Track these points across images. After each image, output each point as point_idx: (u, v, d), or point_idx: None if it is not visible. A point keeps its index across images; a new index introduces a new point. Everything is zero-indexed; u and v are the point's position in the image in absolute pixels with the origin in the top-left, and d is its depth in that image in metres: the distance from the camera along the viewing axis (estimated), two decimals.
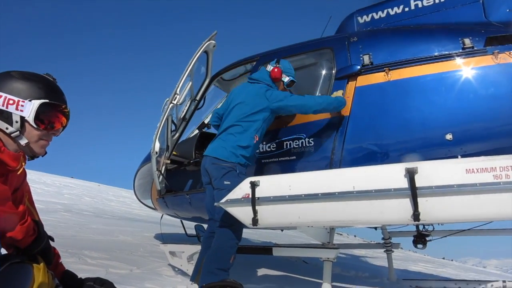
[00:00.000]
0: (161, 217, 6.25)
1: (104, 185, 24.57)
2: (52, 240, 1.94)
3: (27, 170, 2.03)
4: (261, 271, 5.71)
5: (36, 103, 1.90)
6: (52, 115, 1.95)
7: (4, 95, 1.85)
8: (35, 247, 1.75)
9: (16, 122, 1.88)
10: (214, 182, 3.96)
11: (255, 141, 4.05)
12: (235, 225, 3.79)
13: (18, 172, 1.84)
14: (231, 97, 4.29)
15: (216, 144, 4.06)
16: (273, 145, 4.42)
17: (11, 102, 1.86)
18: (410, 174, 2.88)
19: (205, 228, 5.50)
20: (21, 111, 1.87)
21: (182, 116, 5.50)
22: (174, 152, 5.28)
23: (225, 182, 3.87)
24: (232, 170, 3.91)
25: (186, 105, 5.53)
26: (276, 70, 4.29)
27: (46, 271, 1.73)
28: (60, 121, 1.98)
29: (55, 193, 14.38)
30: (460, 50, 3.85)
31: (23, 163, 1.85)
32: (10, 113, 1.86)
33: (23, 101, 1.87)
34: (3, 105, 1.84)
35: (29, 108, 1.88)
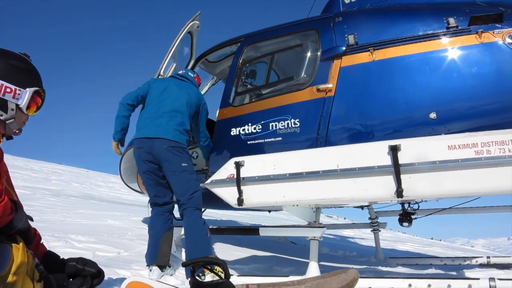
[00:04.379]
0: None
1: (93, 171, 24.43)
2: (31, 220, 1.93)
3: (13, 157, 2.07)
4: (250, 252, 5.75)
5: (31, 91, 1.95)
6: (36, 99, 2.00)
7: (0, 82, 1.88)
8: (13, 226, 1.73)
9: (12, 110, 1.94)
10: (168, 166, 3.94)
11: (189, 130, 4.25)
12: (201, 205, 3.99)
13: None
14: (163, 85, 4.31)
15: (165, 127, 4.01)
16: (259, 126, 4.41)
17: (8, 90, 1.91)
18: (393, 151, 2.91)
19: None
20: (17, 99, 1.94)
21: None
22: None
23: (183, 164, 3.92)
24: (185, 152, 4.02)
25: None
26: (197, 78, 4.71)
27: (25, 250, 1.72)
28: (37, 102, 2.02)
29: (43, 179, 14.26)
30: (445, 30, 3.85)
31: (1, 140, 1.85)
32: (6, 101, 1.92)
33: (20, 90, 1.96)
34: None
35: (25, 96, 1.94)
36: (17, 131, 2.00)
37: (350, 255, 6.68)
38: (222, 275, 1.92)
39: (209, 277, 3.43)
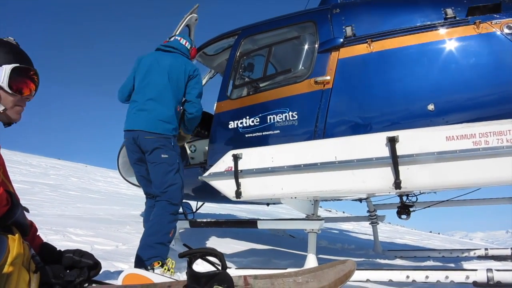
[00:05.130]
0: None
1: (91, 166, 24.42)
2: (27, 211, 1.91)
3: (11, 152, 2.02)
4: (248, 245, 5.76)
5: (8, 68, 1.87)
6: (23, 80, 1.92)
7: None
8: (9, 217, 1.72)
9: None
10: (148, 156, 3.86)
11: (178, 111, 4.09)
12: (176, 200, 3.82)
13: None
14: (146, 66, 4.13)
15: (146, 117, 3.90)
16: (257, 119, 4.40)
17: None
18: (391, 143, 2.91)
19: (191, 206, 5.52)
20: None
21: None
22: None
23: (163, 156, 3.81)
24: (168, 142, 3.87)
25: None
26: (193, 50, 4.47)
27: (21, 241, 1.71)
28: (29, 86, 1.96)
29: (41, 174, 14.23)
30: (442, 20, 3.83)
31: None
32: None
33: None
34: None
35: (1, 74, 1.85)
36: (2, 111, 1.89)
37: (348, 248, 6.70)
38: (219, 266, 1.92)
39: (158, 271, 3.38)
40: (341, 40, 4.09)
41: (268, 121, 4.31)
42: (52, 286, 1.94)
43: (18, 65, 1.90)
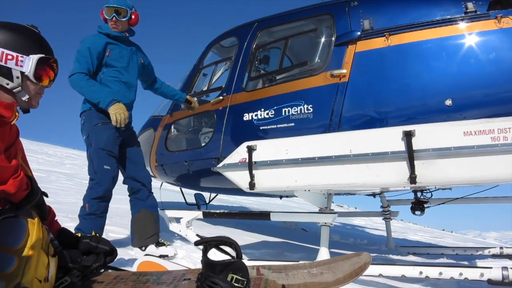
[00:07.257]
0: (161, 185, 6.28)
1: None
2: (46, 196, 1.94)
3: (28, 141, 2.04)
4: (261, 238, 5.77)
5: (35, 58, 1.90)
6: (45, 69, 1.96)
7: (1, 49, 1.84)
8: (28, 201, 1.75)
9: (17, 77, 1.88)
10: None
11: None
12: (90, 174, 3.83)
13: (12, 123, 1.83)
14: None
15: None
16: (272, 111, 4.40)
17: (9, 57, 1.85)
18: (407, 137, 2.88)
19: (204, 197, 5.54)
20: (21, 66, 1.87)
21: None
22: None
23: (84, 137, 3.80)
24: (81, 125, 3.81)
25: None
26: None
27: (40, 225, 1.74)
28: (49, 75, 1.98)
29: (57, 163, 14.43)
30: (463, 14, 3.78)
31: (17, 114, 1.84)
32: (10, 69, 1.86)
33: (22, 56, 1.88)
34: (1, 60, 1.84)
35: (29, 63, 1.89)
36: (27, 100, 1.94)
37: (361, 243, 6.68)
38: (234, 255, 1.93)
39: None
40: (358, 33, 4.07)
41: (283, 114, 4.31)
42: (69, 270, 1.97)
43: (44, 55, 1.94)
